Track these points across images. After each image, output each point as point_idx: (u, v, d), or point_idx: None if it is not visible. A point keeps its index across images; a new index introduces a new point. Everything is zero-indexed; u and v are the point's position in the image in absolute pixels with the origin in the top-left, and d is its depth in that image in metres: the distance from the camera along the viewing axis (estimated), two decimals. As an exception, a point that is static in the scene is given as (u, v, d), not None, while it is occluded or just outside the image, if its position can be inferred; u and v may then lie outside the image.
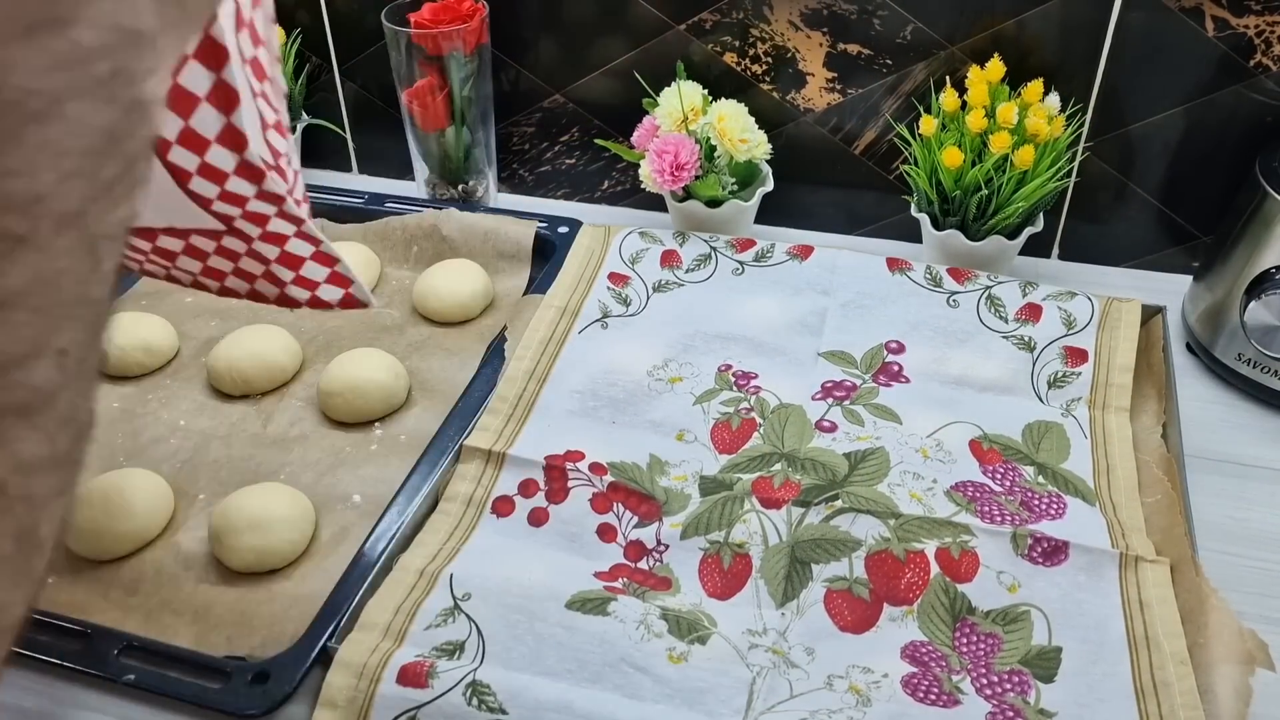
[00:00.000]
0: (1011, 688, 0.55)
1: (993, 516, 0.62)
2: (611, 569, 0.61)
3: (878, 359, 0.75)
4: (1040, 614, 0.58)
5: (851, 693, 0.54)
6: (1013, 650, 0.56)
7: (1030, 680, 0.55)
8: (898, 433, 0.69)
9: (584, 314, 0.79)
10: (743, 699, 0.54)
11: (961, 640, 0.57)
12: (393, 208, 0.93)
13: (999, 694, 0.54)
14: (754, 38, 0.90)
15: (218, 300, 0.88)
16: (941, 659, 0.56)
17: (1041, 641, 0.56)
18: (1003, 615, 0.58)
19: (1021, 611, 0.58)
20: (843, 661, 0.56)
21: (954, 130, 0.81)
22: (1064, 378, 0.73)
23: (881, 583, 0.59)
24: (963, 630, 0.57)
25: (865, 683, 0.55)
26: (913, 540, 0.61)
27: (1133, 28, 0.81)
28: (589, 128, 0.99)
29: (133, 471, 0.68)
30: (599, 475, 0.66)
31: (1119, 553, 0.59)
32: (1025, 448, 0.68)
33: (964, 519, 0.62)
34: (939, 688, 0.54)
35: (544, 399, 0.72)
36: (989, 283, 0.79)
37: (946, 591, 0.59)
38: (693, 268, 0.83)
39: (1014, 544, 0.60)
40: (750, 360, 0.76)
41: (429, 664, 0.54)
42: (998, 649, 0.56)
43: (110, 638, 0.58)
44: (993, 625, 0.57)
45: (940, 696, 0.54)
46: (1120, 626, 0.56)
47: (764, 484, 0.65)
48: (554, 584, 0.59)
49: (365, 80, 1.03)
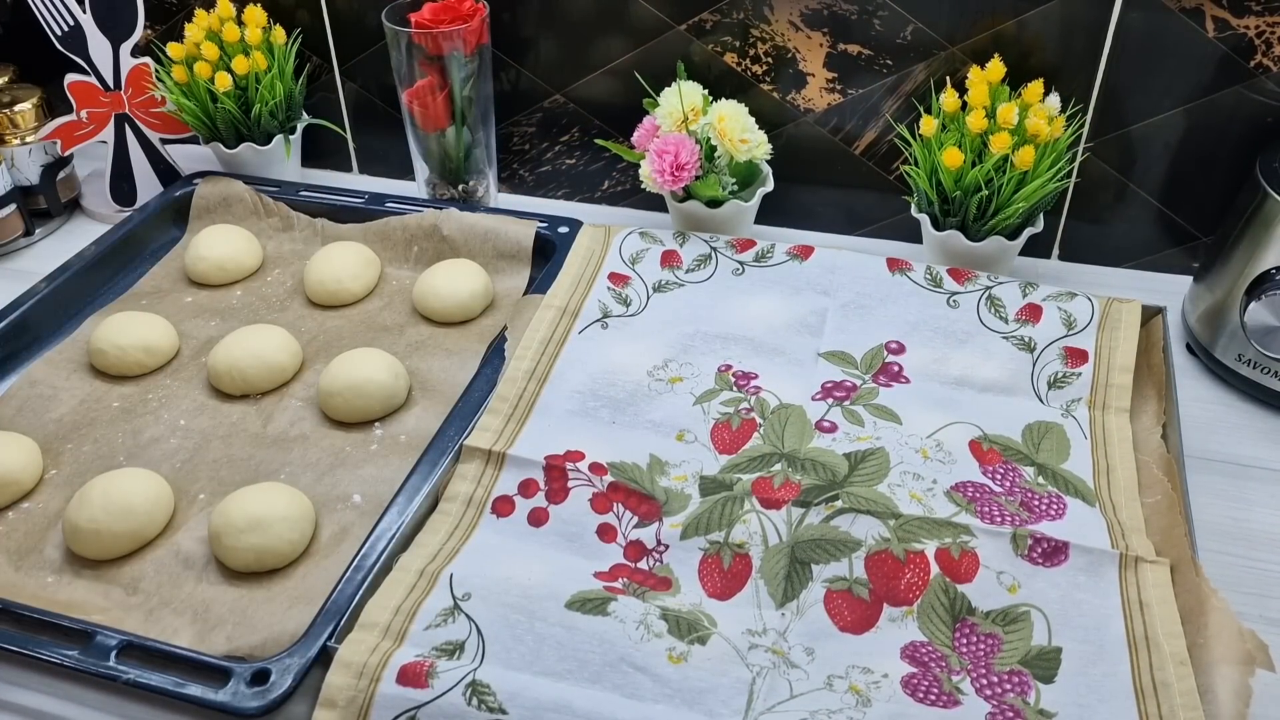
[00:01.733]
0: (1011, 688, 0.55)
1: (992, 517, 0.62)
2: (611, 569, 0.61)
3: (878, 359, 0.75)
4: (1040, 614, 0.58)
5: (851, 693, 0.54)
6: (1012, 651, 0.56)
7: (1030, 680, 0.55)
8: (897, 433, 0.69)
9: (584, 314, 0.79)
10: (742, 699, 0.54)
11: (961, 640, 0.57)
12: (393, 208, 0.93)
13: (999, 694, 0.54)
14: (754, 38, 0.90)
15: (218, 300, 0.89)
16: (941, 659, 0.56)
17: (1041, 642, 0.57)
18: (1002, 615, 0.58)
19: (1021, 612, 0.58)
20: (842, 662, 0.56)
21: (954, 131, 0.81)
22: (1064, 378, 0.73)
23: (881, 583, 0.59)
24: (962, 631, 0.57)
25: (865, 683, 0.55)
26: (912, 540, 0.61)
27: (1133, 28, 0.81)
28: (589, 128, 0.99)
29: (133, 471, 0.68)
30: (599, 475, 0.66)
31: (1119, 553, 0.59)
32: (1025, 448, 0.68)
33: (964, 519, 0.62)
34: (939, 688, 0.55)
35: (544, 399, 0.72)
36: (989, 283, 0.79)
37: (946, 592, 0.59)
38: (693, 268, 0.83)
39: (1014, 544, 0.60)
40: (750, 360, 0.76)
41: (429, 664, 0.54)
42: (997, 649, 0.56)
43: (110, 638, 0.58)
44: (993, 625, 0.57)
45: (940, 697, 0.54)
46: (1120, 627, 0.56)
47: (764, 484, 0.65)
48: (554, 584, 0.59)
49: (365, 80, 1.03)
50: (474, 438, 0.68)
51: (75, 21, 0.94)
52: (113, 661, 0.57)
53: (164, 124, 1.02)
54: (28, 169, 0.99)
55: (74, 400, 0.77)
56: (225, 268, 0.90)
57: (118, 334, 0.79)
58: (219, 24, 0.97)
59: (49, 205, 1.01)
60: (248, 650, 0.58)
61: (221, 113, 0.97)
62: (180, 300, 0.88)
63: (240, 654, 0.58)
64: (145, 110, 1.00)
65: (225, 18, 0.97)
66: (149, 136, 1.01)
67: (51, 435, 0.74)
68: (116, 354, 0.79)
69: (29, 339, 0.83)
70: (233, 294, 0.89)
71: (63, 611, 0.60)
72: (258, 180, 0.98)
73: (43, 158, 0.99)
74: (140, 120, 1.00)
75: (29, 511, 0.69)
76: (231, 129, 0.99)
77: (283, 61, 0.98)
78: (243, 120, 0.98)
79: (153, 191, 1.01)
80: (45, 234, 1.00)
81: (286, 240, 0.95)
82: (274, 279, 0.91)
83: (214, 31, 0.97)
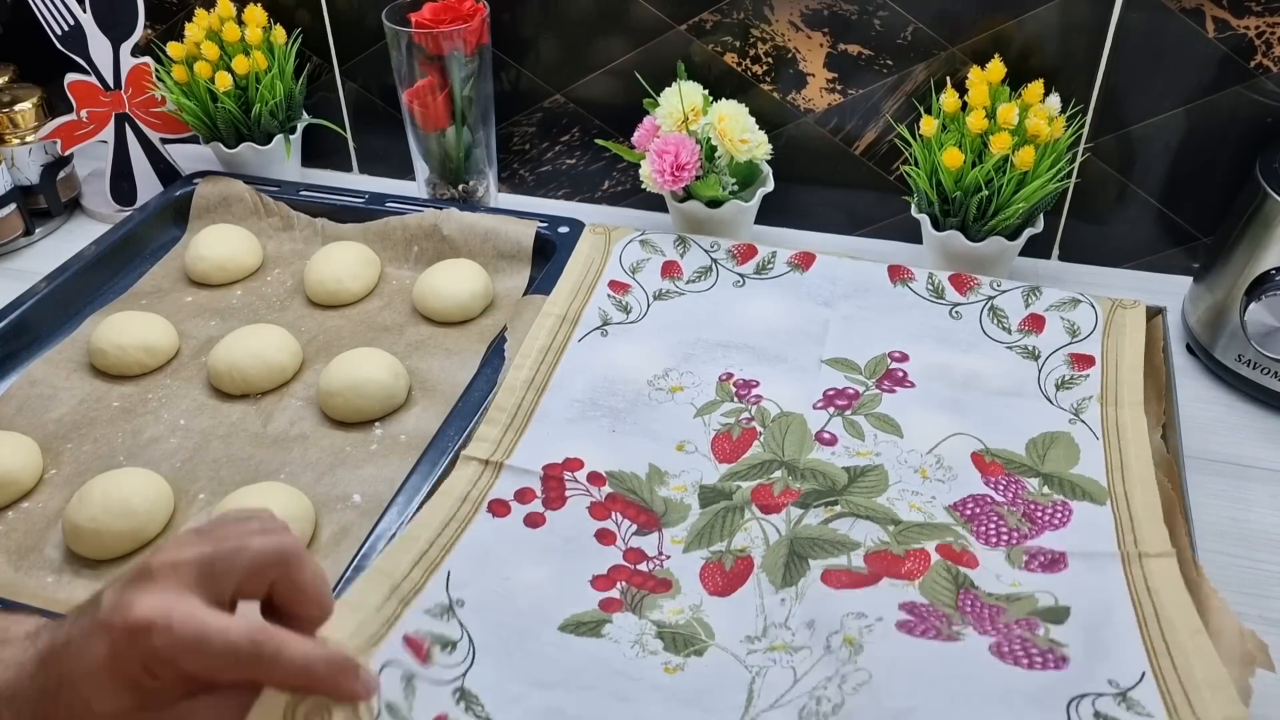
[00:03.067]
0: (1018, 626, 0.54)
1: (988, 538, 0.61)
2: (610, 571, 0.61)
3: (882, 365, 0.75)
4: (1046, 593, 0.57)
5: (845, 645, 0.53)
6: (1018, 611, 0.56)
7: (1038, 622, 0.54)
8: (897, 448, 0.68)
9: (584, 322, 0.78)
10: (742, 696, 0.53)
11: (965, 603, 0.56)
12: (393, 207, 0.93)
13: (1003, 630, 0.54)
14: (754, 38, 0.90)
15: (218, 300, 0.89)
16: (943, 615, 0.55)
17: (1048, 604, 0.56)
18: (1006, 597, 0.57)
19: (1026, 594, 0.57)
20: (838, 613, 0.55)
21: (954, 131, 0.81)
22: (1072, 380, 0.72)
23: (881, 567, 0.59)
24: (966, 598, 0.57)
25: (858, 628, 0.54)
26: (912, 543, 0.61)
27: (1133, 29, 0.81)
28: (589, 128, 0.99)
29: (133, 471, 0.68)
30: (597, 486, 0.65)
31: (1122, 553, 0.59)
32: (1030, 460, 0.67)
33: (961, 533, 0.62)
34: (936, 631, 0.54)
35: (543, 407, 0.72)
36: (991, 293, 0.78)
37: (949, 570, 0.58)
38: (693, 278, 0.83)
39: (1010, 559, 0.60)
40: (752, 368, 0.75)
41: (427, 645, 0.53)
42: (1003, 613, 0.56)
43: (110, 637, 0.58)
44: (996, 600, 0.57)
45: (939, 635, 0.53)
46: (1128, 609, 0.55)
47: (764, 491, 0.65)
48: (547, 603, 0.58)
49: (366, 80, 1.03)
50: (471, 448, 0.68)
51: (75, 21, 0.94)
52: (113, 661, 0.57)
53: (164, 124, 1.02)
54: (28, 169, 0.99)
55: (74, 400, 0.77)
56: (225, 267, 0.90)
57: (118, 334, 0.79)
58: (219, 24, 0.97)
59: (49, 205, 1.01)
60: (248, 650, 0.58)
61: (221, 112, 0.97)
62: (180, 300, 0.88)
63: (240, 654, 0.58)
64: (145, 110, 1.00)
65: (225, 17, 0.97)
66: (149, 136, 1.01)
67: (51, 435, 0.74)
68: (116, 353, 0.79)
69: (29, 339, 0.83)
70: (233, 294, 0.89)
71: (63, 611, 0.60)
72: (258, 180, 0.98)
73: (43, 157, 0.99)
74: (140, 120, 1.00)
75: (29, 511, 0.69)
76: (231, 129, 0.99)
77: (283, 61, 0.98)
78: (243, 120, 0.98)
79: (153, 191, 1.01)
80: (45, 234, 1.00)
81: (286, 240, 0.95)
82: (274, 279, 0.91)
83: (214, 31, 0.97)
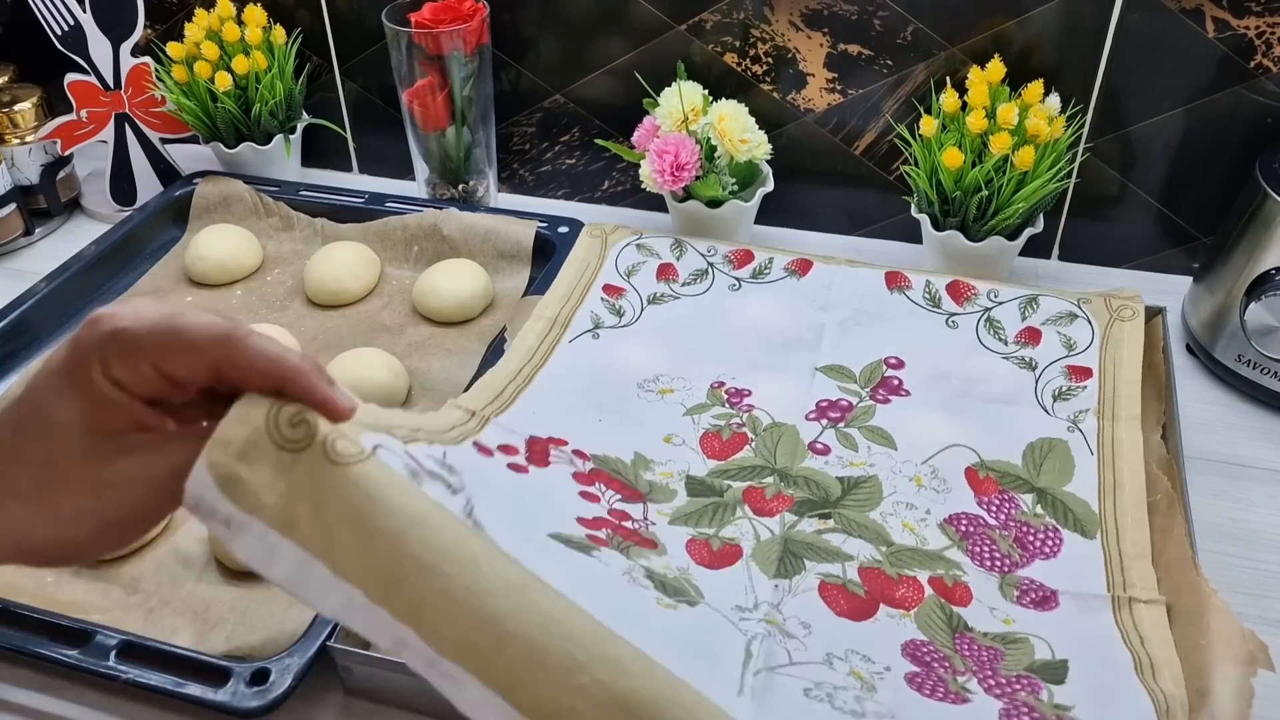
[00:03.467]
0: (1021, 688, 0.53)
1: (982, 559, 0.61)
2: (595, 519, 0.58)
3: (877, 374, 0.74)
4: (1041, 640, 0.56)
5: (854, 677, 0.53)
6: (1016, 661, 0.55)
7: (1040, 683, 0.54)
8: (891, 459, 0.67)
9: (575, 325, 0.78)
10: (740, 653, 0.51)
11: (963, 647, 0.56)
12: (393, 207, 0.93)
13: (1009, 693, 0.53)
14: (754, 38, 0.90)
15: (218, 300, 0.89)
16: (944, 660, 0.55)
17: (1045, 657, 0.55)
18: (1001, 638, 0.57)
19: (1020, 636, 0.57)
20: (841, 645, 0.55)
21: (954, 131, 0.81)
22: (1069, 391, 0.71)
23: (876, 587, 0.59)
24: (963, 640, 0.56)
25: (868, 671, 0.53)
26: (904, 568, 0.60)
27: (1133, 29, 0.81)
28: (589, 128, 0.99)
29: (132, 471, 0.68)
30: (581, 460, 0.64)
31: (1112, 596, 0.58)
32: (1025, 472, 0.66)
33: (955, 555, 0.61)
34: (945, 686, 0.53)
35: (528, 394, 0.70)
36: (988, 303, 0.78)
37: (942, 609, 0.58)
38: (689, 281, 0.82)
39: (1002, 591, 0.59)
40: (745, 376, 0.74)
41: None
42: (1001, 658, 0.55)
43: (109, 637, 0.58)
44: (992, 642, 0.56)
45: (948, 694, 0.53)
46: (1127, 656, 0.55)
47: (755, 494, 0.64)
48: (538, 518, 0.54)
49: (366, 80, 1.03)
50: (458, 400, 0.65)
51: (75, 21, 0.94)
52: (112, 661, 0.57)
53: (164, 124, 1.02)
54: (28, 169, 0.99)
55: (74, 400, 0.77)
56: (225, 267, 0.90)
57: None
58: (219, 23, 0.97)
59: (49, 205, 1.01)
60: (247, 650, 0.58)
61: (221, 112, 0.97)
62: (180, 300, 0.88)
63: (240, 654, 0.58)
64: (145, 110, 1.00)
65: (225, 17, 0.97)
66: (149, 136, 1.01)
67: (51, 435, 0.74)
68: (116, 354, 0.79)
69: (29, 339, 0.83)
70: (233, 294, 0.89)
71: (62, 611, 0.60)
72: (258, 180, 0.98)
73: (43, 157, 0.99)
74: (140, 120, 1.00)
75: (28, 511, 0.69)
76: (231, 129, 0.99)
77: (283, 61, 0.98)
78: (243, 120, 0.98)
79: (153, 191, 1.01)
80: (45, 234, 1.00)
81: (286, 240, 0.95)
82: (274, 279, 0.91)
83: (214, 31, 0.97)
